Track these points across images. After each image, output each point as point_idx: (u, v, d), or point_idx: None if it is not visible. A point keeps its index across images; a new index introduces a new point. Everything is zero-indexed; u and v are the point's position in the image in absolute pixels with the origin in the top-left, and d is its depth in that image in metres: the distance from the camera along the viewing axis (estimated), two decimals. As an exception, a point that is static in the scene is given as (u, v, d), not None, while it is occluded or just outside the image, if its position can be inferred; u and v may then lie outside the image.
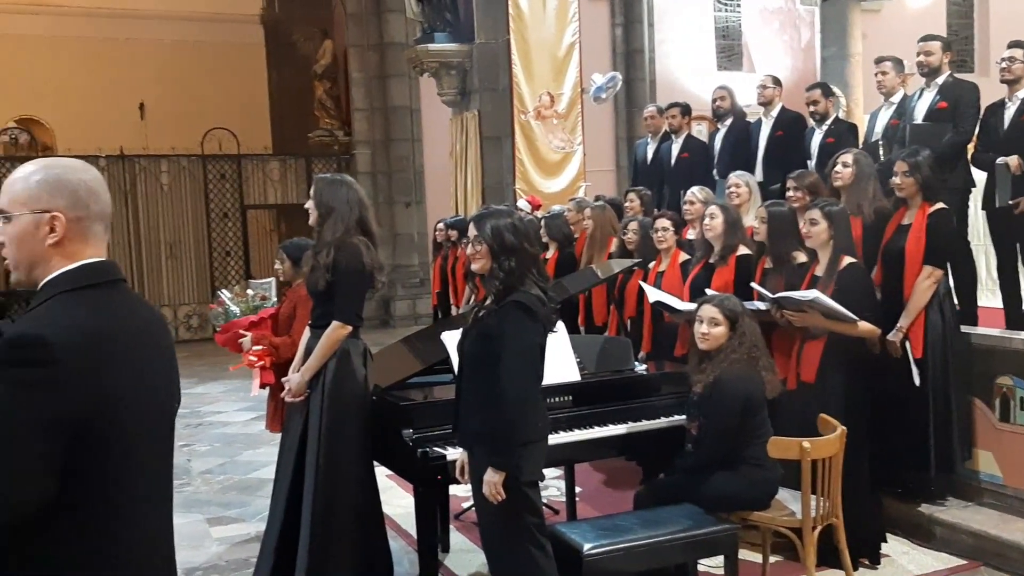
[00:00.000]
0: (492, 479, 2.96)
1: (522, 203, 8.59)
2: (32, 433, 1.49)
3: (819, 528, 3.70)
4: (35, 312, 1.62)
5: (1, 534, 1.52)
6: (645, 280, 5.31)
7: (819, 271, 4.27)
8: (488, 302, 3.11)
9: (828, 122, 6.34)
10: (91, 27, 16.10)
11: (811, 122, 6.48)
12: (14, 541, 1.54)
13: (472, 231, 3.07)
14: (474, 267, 3.09)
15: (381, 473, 4.01)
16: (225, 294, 5.03)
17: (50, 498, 1.51)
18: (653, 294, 4.91)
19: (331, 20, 15.70)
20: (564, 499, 4.83)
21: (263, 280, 5.51)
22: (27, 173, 1.68)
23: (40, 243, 1.64)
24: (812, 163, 6.15)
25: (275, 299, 5.09)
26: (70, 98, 15.87)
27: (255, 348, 4.54)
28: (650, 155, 7.67)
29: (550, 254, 6.60)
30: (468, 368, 3.12)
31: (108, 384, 1.57)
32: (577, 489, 4.87)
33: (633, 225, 5.71)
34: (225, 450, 7.04)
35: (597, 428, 3.93)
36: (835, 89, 6.66)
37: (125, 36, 16.30)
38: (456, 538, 4.71)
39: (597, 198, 7.18)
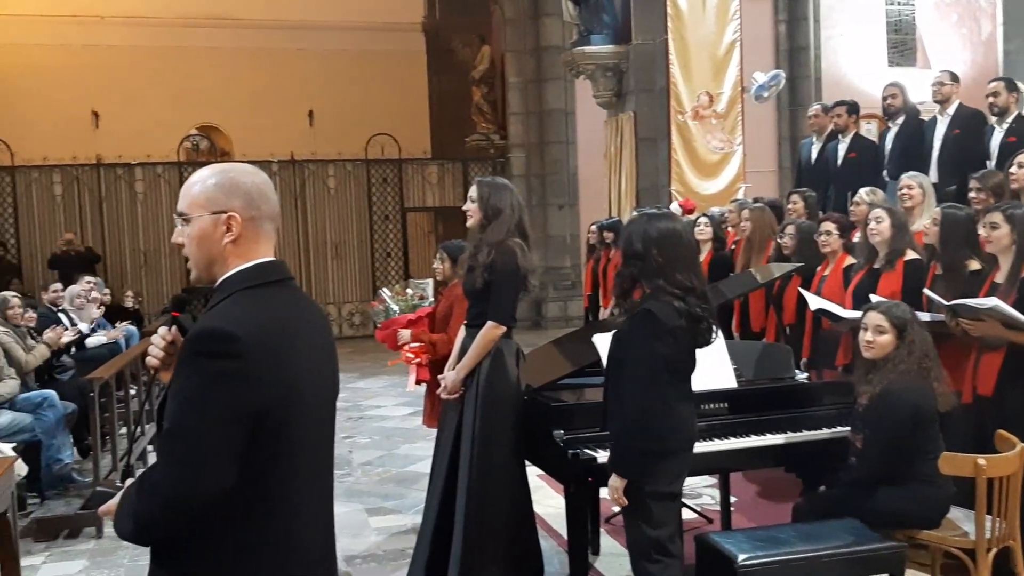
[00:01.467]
0: (613, 484, 2.99)
1: (674, 206, 8.46)
2: (220, 421, 1.58)
3: (994, 550, 3.46)
4: (218, 308, 1.72)
5: (184, 517, 1.61)
6: (806, 286, 5.12)
7: (999, 278, 3.99)
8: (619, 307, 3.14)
9: (1010, 119, 5.92)
10: (266, 39, 17.01)
11: (991, 120, 6.06)
12: (195, 525, 1.64)
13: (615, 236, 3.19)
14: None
15: (532, 472, 4.04)
16: (386, 293, 5.20)
17: (230, 483, 1.60)
18: (814, 301, 4.73)
19: (489, 26, 15.98)
20: (719, 508, 4.72)
21: (422, 280, 5.67)
22: (203, 178, 1.79)
23: (218, 242, 1.75)
24: (991, 163, 5.76)
25: (432, 298, 5.22)
26: (246, 106, 16.84)
27: (412, 345, 4.68)
28: (815, 155, 7.40)
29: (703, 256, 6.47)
30: (608, 371, 3.16)
31: (286, 375, 1.66)
32: (732, 498, 4.75)
33: (790, 229, 5.51)
34: (384, 443, 7.28)
35: (754, 437, 3.82)
36: (1020, 84, 6.20)
37: (296, 47, 17.13)
38: (607, 541, 4.69)
39: (756, 200, 6.98)
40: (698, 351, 3.06)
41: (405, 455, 6.88)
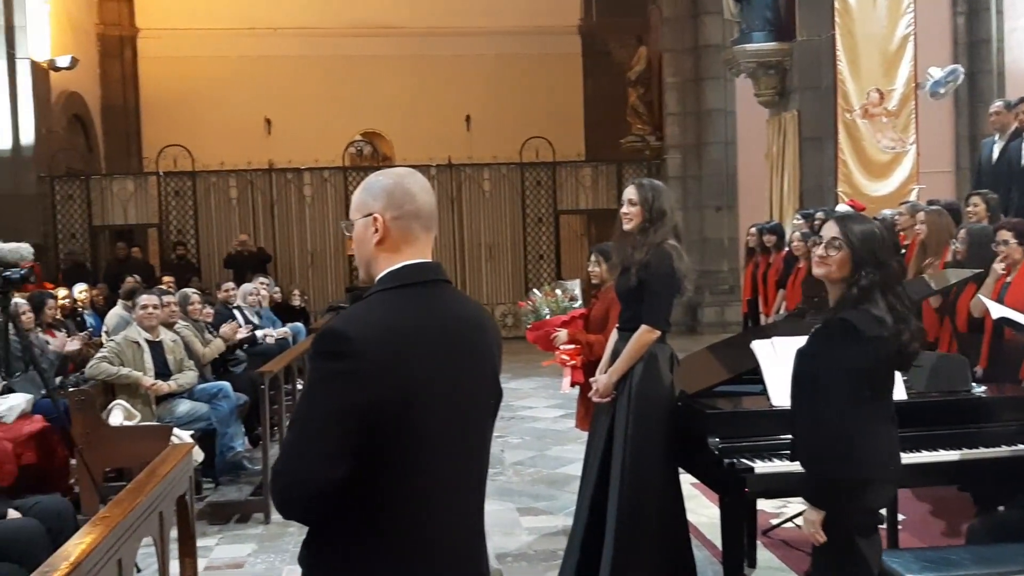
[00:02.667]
0: (810, 517, 2.65)
1: (841, 207, 8.09)
2: (331, 418, 1.65)
3: None
4: (350, 309, 1.81)
5: (300, 503, 1.70)
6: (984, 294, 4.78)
7: None
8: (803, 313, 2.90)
9: None
10: (426, 47, 17.49)
11: None
12: (322, 513, 1.71)
13: (832, 231, 2.66)
14: (818, 271, 2.72)
15: (686, 480, 3.95)
16: (536, 293, 5.21)
17: (340, 476, 1.65)
18: (997, 310, 4.41)
19: (646, 26, 15.83)
20: (885, 526, 4.48)
21: (570, 281, 5.65)
22: (364, 184, 1.88)
23: (369, 244, 1.81)
24: None
25: (581, 300, 5.20)
26: (407, 112, 17.36)
27: (567, 346, 4.67)
28: (996, 155, 6.91)
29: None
30: (796, 390, 2.80)
31: (405, 376, 1.68)
32: (900, 516, 4.50)
33: (961, 234, 5.16)
34: (535, 444, 7.33)
35: (925, 452, 3.59)
36: None
37: (454, 53, 17.52)
38: (764, 555, 4.53)
39: (931, 202, 6.59)
40: None
41: (556, 456, 6.89)
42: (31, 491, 4.53)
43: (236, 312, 8.45)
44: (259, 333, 8.37)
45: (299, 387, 7.00)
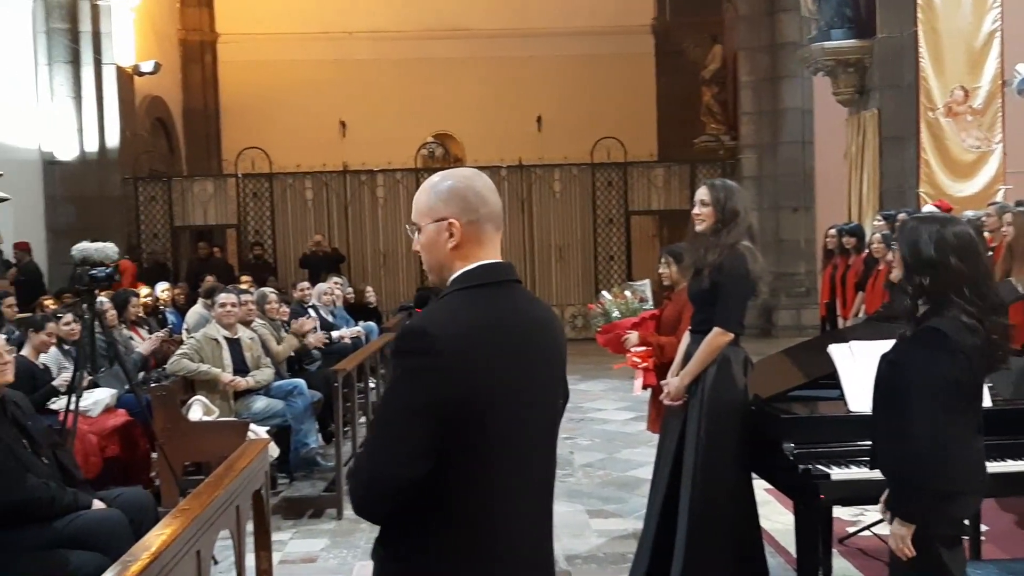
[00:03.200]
0: (898, 532, 2.56)
1: (928, 208, 7.85)
2: (413, 416, 1.68)
3: None
4: (430, 308, 1.84)
5: (380, 499, 1.72)
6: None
7: None
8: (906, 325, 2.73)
9: None
10: (497, 48, 17.57)
11: None
12: (399, 509, 1.73)
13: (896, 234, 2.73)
14: (892, 275, 2.76)
15: (759, 486, 3.88)
16: (605, 296, 5.18)
17: (421, 473, 1.68)
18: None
19: (721, 24, 15.61)
20: (968, 538, 4.33)
21: (639, 282, 5.60)
22: (427, 187, 1.88)
23: (443, 248, 1.82)
24: None
25: (651, 301, 5.15)
26: (478, 114, 17.46)
27: (638, 348, 4.63)
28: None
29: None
30: (880, 400, 2.72)
31: (482, 373, 1.70)
32: (983, 527, 4.34)
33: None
34: (605, 446, 7.29)
35: (1011, 461, 3.46)
36: None
37: (527, 54, 17.56)
38: (840, 563, 4.42)
39: (1019, 203, 6.35)
40: None
41: (627, 459, 6.84)
42: (114, 483, 4.69)
43: (311, 311, 8.61)
44: (335, 333, 8.51)
45: (371, 385, 7.08)
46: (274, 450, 5.33)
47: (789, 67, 13.12)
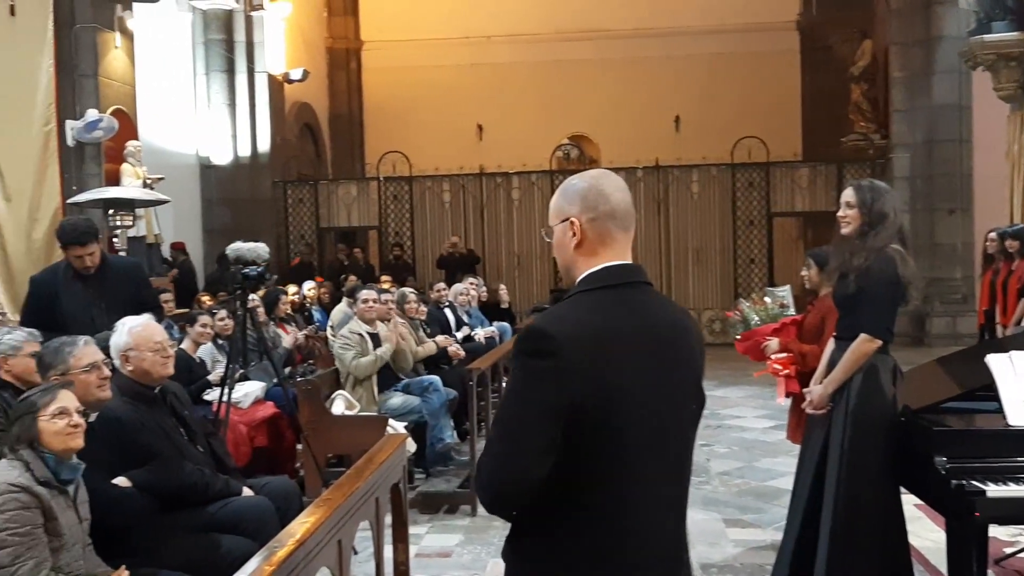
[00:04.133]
0: None
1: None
2: (532, 414, 1.69)
3: None
4: (552, 308, 1.86)
5: (503, 499, 1.75)
6: None
7: None
8: None
9: None
10: (635, 48, 17.42)
11: None
12: (525, 509, 1.75)
13: None
14: None
15: (908, 501, 3.69)
16: (743, 303, 5.05)
17: (541, 473, 1.69)
18: None
19: (871, 19, 14.96)
20: None
21: (781, 288, 5.43)
22: (559, 189, 1.91)
23: (568, 248, 1.84)
24: None
25: (793, 307, 4.99)
26: (614, 115, 17.36)
27: (779, 355, 4.50)
28: None
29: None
30: None
31: (603, 376, 1.70)
32: None
33: None
34: (743, 454, 7.10)
35: None
36: None
37: (664, 54, 17.34)
38: (995, 587, 4.16)
39: None
40: None
41: (766, 468, 6.65)
42: (262, 472, 4.90)
43: (447, 311, 8.77)
44: (473, 333, 8.66)
45: (504, 384, 7.14)
46: (411, 445, 5.46)
47: (945, 62, 12.43)
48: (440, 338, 7.50)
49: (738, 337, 4.89)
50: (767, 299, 5.05)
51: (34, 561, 2.65)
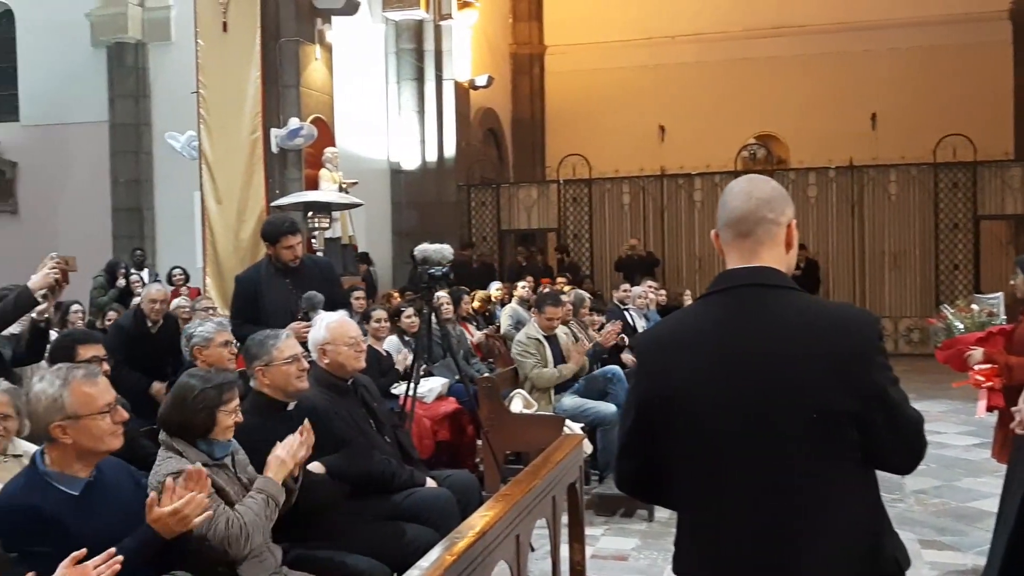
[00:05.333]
0: None
1: None
2: (627, 410, 1.91)
3: None
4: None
5: (626, 487, 1.97)
6: None
7: None
8: None
9: None
10: (828, 43, 16.70)
11: None
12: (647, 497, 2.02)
13: None
14: None
15: None
16: (947, 309, 4.74)
17: (633, 468, 1.92)
18: None
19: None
20: None
21: (991, 295, 5.04)
22: None
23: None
24: None
25: (1003, 316, 4.62)
26: (804, 113, 16.71)
27: (983, 367, 4.17)
28: None
29: None
30: None
31: (671, 377, 1.82)
32: None
33: None
34: (943, 472, 6.64)
35: None
36: None
37: (861, 48, 16.52)
38: None
39: None
40: None
41: (968, 488, 6.18)
42: (443, 465, 5.05)
43: (626, 314, 8.72)
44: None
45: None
46: (587, 447, 5.45)
47: None
48: (609, 325, 7.43)
49: (939, 345, 4.58)
50: (974, 306, 4.71)
51: (224, 518, 2.85)
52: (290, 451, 3.07)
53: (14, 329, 4.62)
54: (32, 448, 3.23)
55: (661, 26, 17.53)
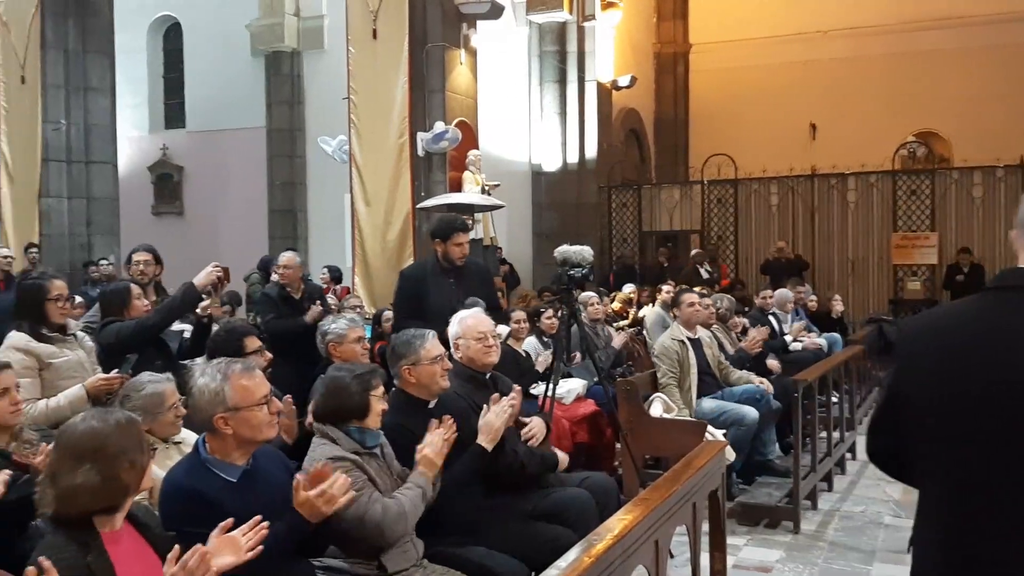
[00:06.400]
0: None
1: None
2: (883, 393, 1.93)
3: None
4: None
5: (875, 462, 1.97)
6: None
7: None
8: None
9: None
10: (994, 35, 15.70)
11: None
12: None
13: None
14: None
15: None
16: None
17: (880, 448, 1.93)
18: None
19: None
20: None
21: None
22: None
23: None
24: None
25: None
26: (968, 109, 15.77)
27: None
28: None
29: None
30: None
31: (927, 371, 1.76)
32: None
33: None
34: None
35: None
36: None
37: (1035, 38, 15.48)
38: None
39: None
40: None
41: None
42: (582, 466, 5.03)
43: (771, 318, 8.46)
44: (788, 336, 8.30)
45: (834, 400, 6.73)
46: (730, 454, 5.31)
47: None
48: (755, 331, 7.22)
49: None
50: None
51: (380, 504, 2.97)
52: (436, 451, 3.16)
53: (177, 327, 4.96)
54: (189, 435, 3.43)
55: (812, 21, 16.93)
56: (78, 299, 7.22)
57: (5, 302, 5.40)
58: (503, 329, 5.89)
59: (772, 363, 7.21)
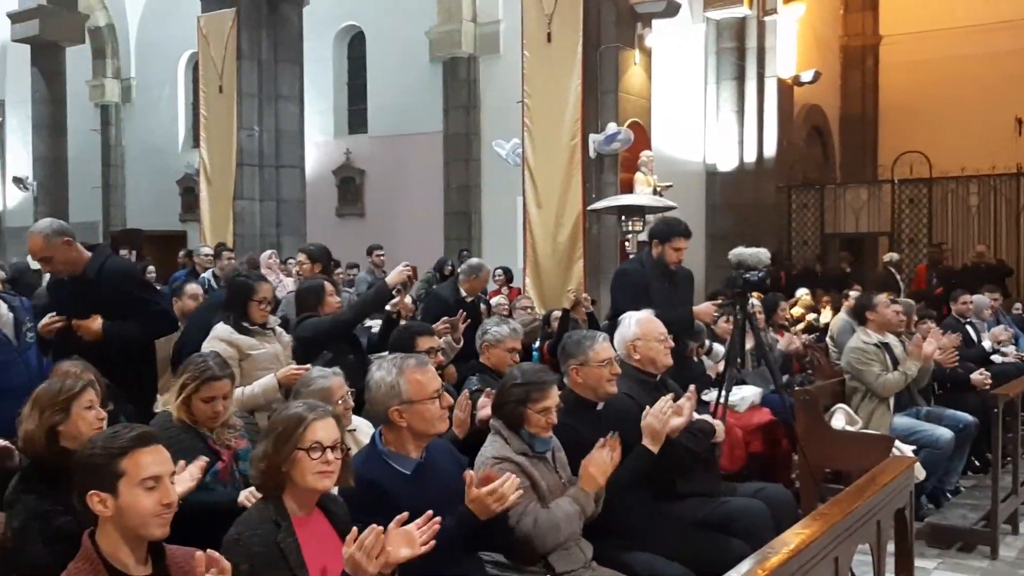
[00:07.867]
0: None
1: None
2: None
3: None
4: None
5: None
6: None
7: None
8: None
9: None
10: None
11: None
12: None
13: None
14: None
15: None
16: None
17: None
18: None
19: None
20: None
21: None
22: None
23: None
24: None
25: None
26: None
27: None
28: None
29: None
30: None
31: None
32: None
33: None
34: None
35: None
36: None
37: None
38: None
39: None
40: None
41: None
42: (756, 477, 4.85)
43: (968, 327, 7.86)
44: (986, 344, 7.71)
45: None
46: (920, 472, 4.96)
47: None
48: (945, 338, 6.67)
49: None
50: None
51: (532, 517, 2.97)
52: (601, 469, 3.13)
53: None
54: (362, 422, 3.56)
55: (1018, 7, 15.64)
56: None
57: (216, 296, 5.77)
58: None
59: (977, 378, 6.51)
